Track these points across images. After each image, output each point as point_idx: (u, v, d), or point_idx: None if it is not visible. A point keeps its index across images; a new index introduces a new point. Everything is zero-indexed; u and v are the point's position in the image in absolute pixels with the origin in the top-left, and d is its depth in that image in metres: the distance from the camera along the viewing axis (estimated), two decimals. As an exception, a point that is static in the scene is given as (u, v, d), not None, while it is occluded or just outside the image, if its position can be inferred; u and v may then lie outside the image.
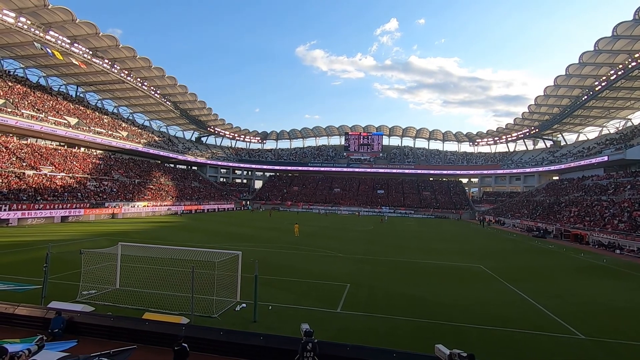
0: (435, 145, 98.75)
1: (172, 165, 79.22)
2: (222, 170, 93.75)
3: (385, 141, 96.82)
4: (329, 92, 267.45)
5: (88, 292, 12.32)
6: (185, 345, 6.99)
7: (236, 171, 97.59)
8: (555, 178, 70.69)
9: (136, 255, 14.48)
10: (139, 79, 60.15)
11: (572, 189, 54.89)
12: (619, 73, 47.49)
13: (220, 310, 11.13)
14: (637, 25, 39.85)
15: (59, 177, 43.68)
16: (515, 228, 52.38)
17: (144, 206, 51.94)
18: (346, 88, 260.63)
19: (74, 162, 49.98)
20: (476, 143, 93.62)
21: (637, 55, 43.70)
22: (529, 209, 57.97)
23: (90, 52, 50.11)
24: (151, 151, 66.77)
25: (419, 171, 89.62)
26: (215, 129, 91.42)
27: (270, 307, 11.67)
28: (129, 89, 62.50)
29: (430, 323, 11.08)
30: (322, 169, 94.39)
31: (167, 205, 56.84)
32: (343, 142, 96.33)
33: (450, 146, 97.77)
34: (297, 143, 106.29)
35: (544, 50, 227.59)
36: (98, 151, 59.36)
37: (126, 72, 56.81)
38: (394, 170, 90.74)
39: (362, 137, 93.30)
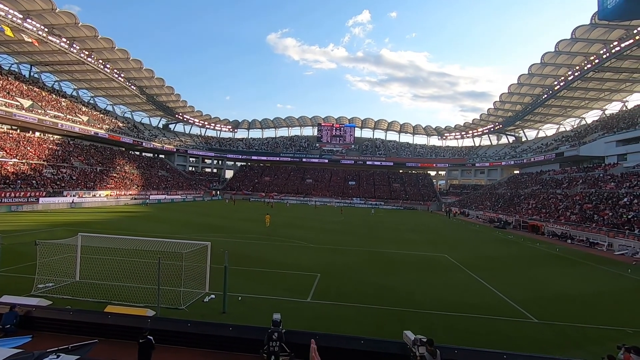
0: (406, 138, 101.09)
1: (137, 153, 75.85)
2: (191, 159, 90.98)
3: (358, 133, 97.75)
4: (301, 82, 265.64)
5: (45, 285, 11.66)
6: (151, 337, 6.81)
7: (206, 160, 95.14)
8: (516, 172, 74.57)
9: (98, 246, 13.84)
10: (100, 61, 56.63)
11: (531, 183, 58.15)
12: (576, 74, 50.45)
13: (188, 302, 10.92)
14: (593, 29, 42.33)
15: (11, 163, 40.69)
16: (479, 219, 54.89)
17: (107, 195, 49.61)
18: (318, 78, 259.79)
19: (28, 148, 46.67)
20: (444, 137, 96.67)
21: (592, 58, 46.52)
22: (491, 201, 60.89)
23: (46, 30, 46.52)
24: (115, 137, 63.56)
25: (390, 163, 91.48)
26: (184, 116, 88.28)
27: (239, 298, 11.58)
28: (90, 70, 58.72)
29: (398, 310, 11.45)
30: (295, 159, 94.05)
31: (132, 195, 54.57)
32: (316, 133, 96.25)
33: (420, 139, 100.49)
34: (270, 133, 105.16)
35: (509, 49, 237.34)
36: (55, 136, 55.70)
37: (86, 52, 53.30)
38: (366, 162, 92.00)
39: (334, 128, 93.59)
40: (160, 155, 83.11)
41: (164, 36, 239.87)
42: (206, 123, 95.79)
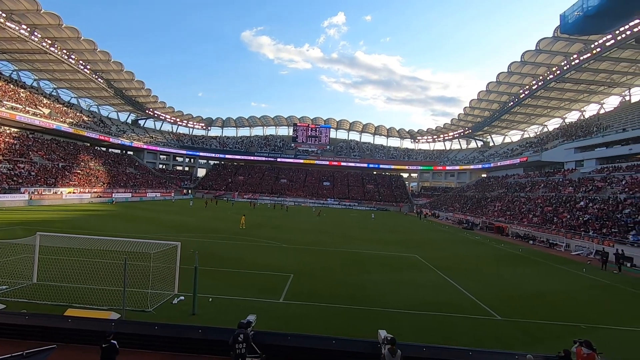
0: (380, 140, 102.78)
1: (103, 149, 72.58)
2: (161, 156, 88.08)
3: (333, 134, 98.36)
4: (276, 81, 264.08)
5: (-3, 288, 10.90)
6: (115, 342, 6.53)
7: (177, 158, 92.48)
8: (483, 175, 77.68)
9: (59, 246, 13.07)
10: (65, 51, 53.65)
11: (497, 186, 60.75)
12: (539, 84, 53.27)
13: (156, 304, 10.56)
14: (556, 41, 44.86)
15: (-39, 156, 37.75)
16: (448, 220, 56.70)
17: (70, 192, 47.07)
18: (294, 78, 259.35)
19: (-19, 141, 43.49)
20: (417, 140, 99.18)
21: (554, 69, 49.26)
22: (460, 203, 63.07)
23: (4, 15, 43.56)
24: (79, 132, 60.43)
25: (364, 165, 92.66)
26: (155, 112, 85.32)
27: (210, 300, 11.33)
28: (53, 61, 55.47)
29: (369, 310, 11.61)
30: (269, 159, 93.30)
31: (97, 192, 52.09)
32: (291, 133, 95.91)
33: (394, 142, 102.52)
34: (244, 131, 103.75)
35: (479, 57, 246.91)
36: (12, 129, 52.23)
37: (49, 41, 50.36)
38: (341, 163, 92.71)
39: (310, 128, 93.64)
40: (129, 152, 79.89)
41: (134, 29, 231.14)
42: (178, 120, 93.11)
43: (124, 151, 78.57)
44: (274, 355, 7.48)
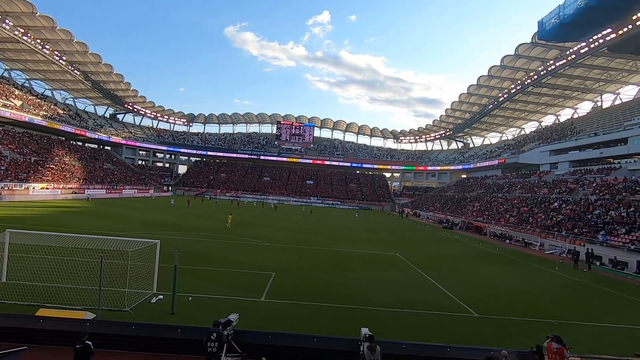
0: (363, 139, 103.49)
1: (79, 144, 70.09)
2: (141, 152, 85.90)
3: (317, 133, 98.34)
4: (260, 78, 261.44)
5: (-37, 287, 10.38)
6: (89, 343, 6.32)
7: (157, 154, 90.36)
8: (463, 176, 79.46)
9: (30, 244, 12.54)
10: (39, 41, 51.49)
11: (476, 187, 62.27)
12: (518, 88, 54.93)
13: (134, 304, 10.30)
14: (534, 47, 46.36)
15: None
16: (429, 220, 57.74)
17: (43, 188, 45.29)
18: (278, 76, 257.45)
19: (-54, 132, 41.24)
20: (400, 140, 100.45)
21: (532, 74, 50.89)
22: (440, 202, 64.33)
23: (-28, 0, 41.44)
24: (53, 125, 58.16)
25: (348, 164, 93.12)
26: (135, 106, 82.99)
27: (190, 299, 11.14)
28: (26, 50, 53.13)
29: (351, 308, 11.70)
30: (252, 156, 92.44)
31: (72, 188, 50.32)
32: (275, 131, 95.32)
33: (377, 141, 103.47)
34: (227, 128, 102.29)
35: (461, 60, 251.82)
36: (-19, 121, 49.84)
37: (22, 30, 48.20)
38: (324, 162, 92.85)
39: (294, 127, 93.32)
40: (107, 147, 77.51)
41: (114, 21, 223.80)
42: (159, 115, 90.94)
43: (101, 146, 76.16)
44: (254, 355, 7.43)
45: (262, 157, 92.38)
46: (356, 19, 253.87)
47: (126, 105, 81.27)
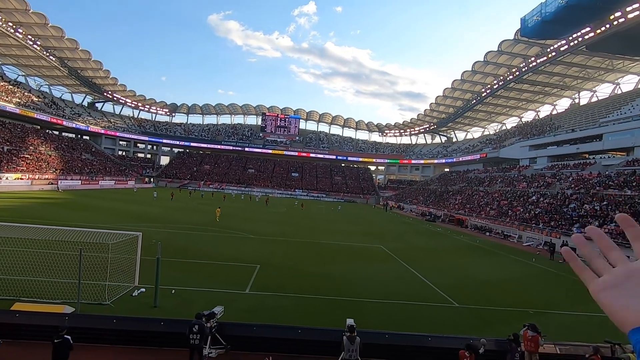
0: (349, 132, 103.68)
1: (56, 133, 67.57)
2: (121, 142, 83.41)
3: (302, 125, 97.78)
4: (244, 69, 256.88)
5: None
6: (68, 337, 6.19)
7: (139, 144, 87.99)
8: (446, 170, 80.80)
9: (4, 236, 12.10)
10: (10, 23, 48.97)
11: (459, 180, 63.49)
12: (500, 83, 55.93)
13: (115, 297, 10.13)
14: (516, 44, 47.20)
15: None
16: (412, 212, 58.64)
17: (17, 178, 43.59)
18: (263, 66, 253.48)
19: None
20: (385, 133, 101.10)
21: (514, 70, 51.88)
22: (424, 196, 65.36)
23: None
24: (27, 113, 55.77)
25: (333, 156, 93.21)
26: (114, 95, 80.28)
27: (173, 291, 11.02)
28: (-3, 33, 50.58)
29: (336, 300, 11.83)
30: (237, 148, 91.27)
31: (49, 179, 48.62)
32: (260, 123, 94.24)
33: (362, 135, 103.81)
34: (211, 119, 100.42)
35: (445, 54, 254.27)
36: (-52, 107, 47.30)
37: (-8, 12, 45.77)
38: (310, 154, 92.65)
39: (279, 119, 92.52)
40: (85, 137, 75.00)
41: (91, 6, 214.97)
42: (140, 104, 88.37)
43: (79, 135, 73.64)
44: (239, 346, 7.44)
45: (246, 149, 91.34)
46: (342, 11, 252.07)
47: (105, 94, 78.54)
